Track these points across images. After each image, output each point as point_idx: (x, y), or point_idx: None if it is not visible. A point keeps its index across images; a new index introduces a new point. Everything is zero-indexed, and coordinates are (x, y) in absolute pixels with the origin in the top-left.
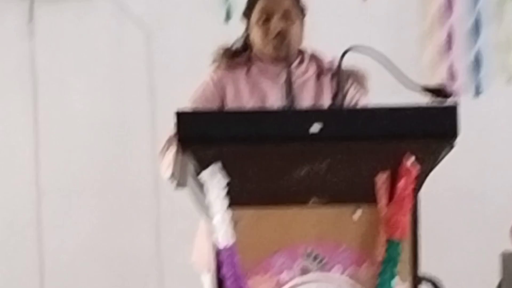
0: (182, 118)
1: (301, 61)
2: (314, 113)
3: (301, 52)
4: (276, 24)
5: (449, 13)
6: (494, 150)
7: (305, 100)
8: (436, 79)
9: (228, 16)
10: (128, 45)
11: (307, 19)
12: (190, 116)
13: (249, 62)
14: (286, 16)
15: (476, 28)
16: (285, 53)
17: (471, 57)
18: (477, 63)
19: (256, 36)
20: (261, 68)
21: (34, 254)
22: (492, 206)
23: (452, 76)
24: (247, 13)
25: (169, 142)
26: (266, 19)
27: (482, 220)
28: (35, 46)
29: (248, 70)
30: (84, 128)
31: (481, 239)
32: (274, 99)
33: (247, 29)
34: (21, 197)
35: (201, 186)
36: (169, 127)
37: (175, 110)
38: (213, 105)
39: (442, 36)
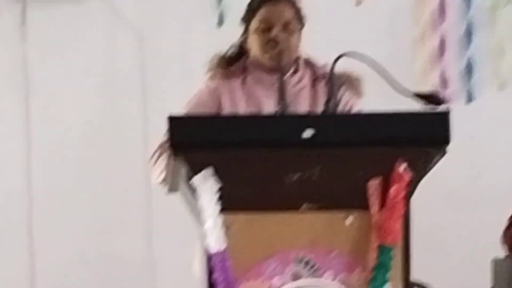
0: (175, 122)
1: (296, 69)
2: (306, 119)
3: (296, 59)
4: (275, 35)
5: (442, 20)
6: (485, 157)
7: (301, 108)
8: (428, 85)
9: (220, 21)
10: (121, 49)
11: None
12: (183, 121)
13: (244, 70)
14: (286, 27)
15: (468, 35)
16: (282, 64)
17: (463, 63)
18: (469, 69)
19: (254, 45)
20: (257, 77)
21: (26, 258)
22: (483, 212)
23: (444, 82)
24: (247, 19)
25: (161, 147)
26: (266, 29)
27: (473, 226)
28: (28, 49)
29: (244, 79)
30: (76, 131)
31: (472, 245)
32: (270, 108)
33: (244, 34)
34: (12, 201)
35: (193, 191)
36: (161, 131)
37: (167, 114)
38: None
39: (434, 42)
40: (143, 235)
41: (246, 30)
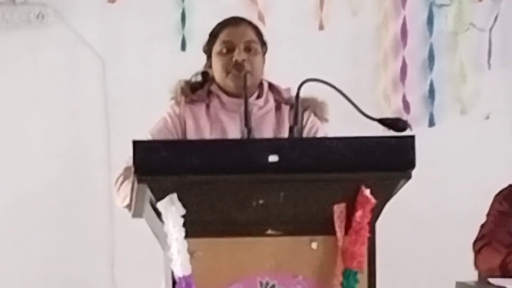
0: (139, 147)
1: (260, 94)
2: (271, 144)
3: (260, 85)
4: (237, 55)
5: (403, 44)
6: (447, 181)
7: (266, 132)
8: (390, 110)
9: (183, 46)
10: (83, 74)
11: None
12: (147, 146)
13: (209, 96)
14: (248, 48)
15: (430, 60)
16: (245, 84)
17: (426, 88)
18: (431, 94)
19: (217, 67)
20: (221, 102)
21: None
22: (446, 236)
23: (406, 107)
24: (209, 44)
25: (126, 171)
26: (228, 51)
27: (437, 250)
28: None
29: (208, 104)
30: (39, 156)
31: (436, 269)
32: (234, 133)
33: (208, 60)
34: None
35: (158, 216)
36: (124, 155)
37: (130, 138)
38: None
39: (396, 67)
40: (106, 259)
41: (209, 56)
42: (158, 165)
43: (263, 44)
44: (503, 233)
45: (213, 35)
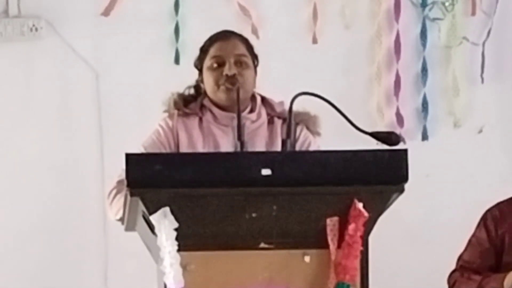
0: (132, 160)
1: (253, 108)
2: (264, 157)
3: (252, 99)
4: (228, 70)
5: (397, 58)
6: (440, 195)
7: (258, 146)
8: (383, 124)
9: (177, 59)
10: (77, 86)
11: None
12: (140, 159)
13: (201, 109)
14: (239, 62)
15: (423, 73)
16: (238, 97)
17: (419, 101)
18: (424, 107)
19: (208, 82)
20: (213, 116)
21: None
22: (439, 249)
23: (399, 120)
24: (200, 59)
25: (118, 185)
26: (219, 65)
27: (429, 263)
28: None
29: (201, 118)
30: (32, 169)
31: (428, 283)
32: (227, 147)
33: (200, 75)
34: None
35: (151, 229)
36: (118, 169)
37: (123, 151)
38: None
39: (389, 80)
40: (99, 273)
41: (200, 71)
42: (151, 178)
43: (254, 57)
44: (478, 264)
45: (204, 50)
